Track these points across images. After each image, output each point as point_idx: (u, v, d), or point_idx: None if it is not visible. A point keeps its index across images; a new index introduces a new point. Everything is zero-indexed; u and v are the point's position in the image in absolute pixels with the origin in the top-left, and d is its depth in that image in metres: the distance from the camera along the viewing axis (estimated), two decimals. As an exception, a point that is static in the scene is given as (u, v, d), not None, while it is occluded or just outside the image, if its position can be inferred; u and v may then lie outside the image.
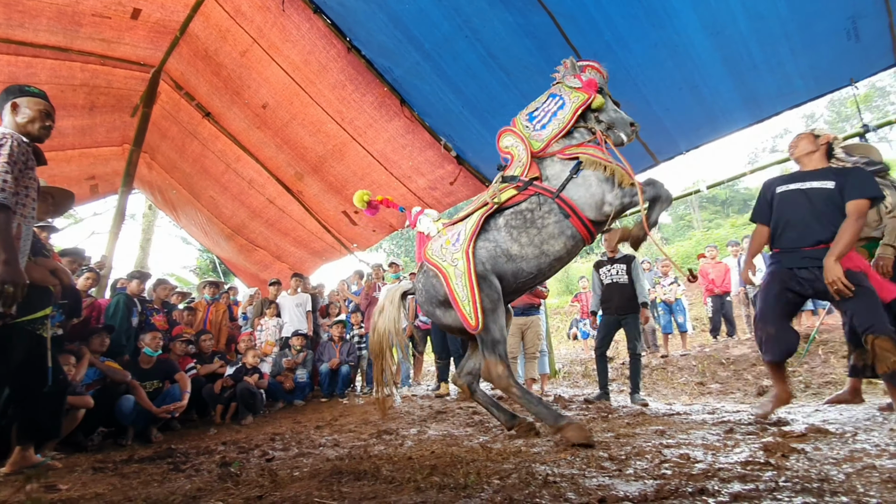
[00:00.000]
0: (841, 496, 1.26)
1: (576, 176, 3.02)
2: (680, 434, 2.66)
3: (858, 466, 1.62)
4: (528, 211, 3.01)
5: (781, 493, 1.32)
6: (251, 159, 6.99)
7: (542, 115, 3.32)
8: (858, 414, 3.12)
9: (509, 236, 2.99)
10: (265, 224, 8.09)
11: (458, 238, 3.06)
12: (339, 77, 5.46)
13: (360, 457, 2.37)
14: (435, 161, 6.12)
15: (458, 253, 2.98)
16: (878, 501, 1.21)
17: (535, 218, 2.99)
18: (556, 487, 1.50)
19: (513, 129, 3.35)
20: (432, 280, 3.10)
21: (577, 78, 3.42)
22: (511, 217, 3.03)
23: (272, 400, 5.72)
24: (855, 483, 1.38)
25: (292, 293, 6.77)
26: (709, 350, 6.49)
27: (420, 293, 3.25)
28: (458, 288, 2.88)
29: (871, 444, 2.03)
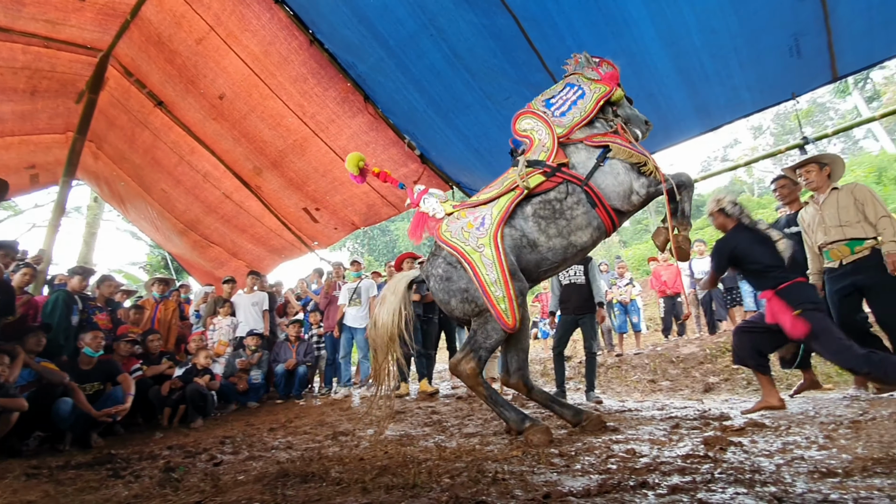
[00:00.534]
0: (770, 486, 1.33)
1: (603, 164, 2.99)
2: (629, 430, 2.74)
3: (788, 458, 1.71)
4: (556, 200, 2.91)
5: (716, 484, 1.37)
6: (207, 152, 6.71)
7: (560, 102, 3.27)
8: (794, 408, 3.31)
9: (537, 227, 2.87)
10: (221, 220, 7.80)
11: (483, 222, 2.82)
12: (300, 70, 5.33)
13: (310, 459, 2.31)
14: (399, 159, 6.07)
15: (484, 238, 2.74)
16: (802, 490, 1.28)
17: (563, 208, 2.90)
18: (505, 484, 1.51)
19: (533, 111, 3.25)
20: (452, 267, 2.82)
21: (596, 70, 3.44)
22: (539, 206, 2.90)
23: (224, 402, 5.51)
24: (783, 473, 1.45)
25: (248, 292, 6.55)
26: (660, 349, 6.73)
27: (436, 279, 2.90)
28: (489, 279, 2.64)
29: (802, 436, 2.15)
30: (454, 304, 2.84)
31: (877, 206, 3.32)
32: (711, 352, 6.06)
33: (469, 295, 2.75)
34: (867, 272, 3.26)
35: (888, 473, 1.34)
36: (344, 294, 6.47)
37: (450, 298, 2.85)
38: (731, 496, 1.27)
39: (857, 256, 3.32)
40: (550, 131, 3.09)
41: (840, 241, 3.38)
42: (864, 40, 4.00)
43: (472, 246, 2.76)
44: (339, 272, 7.18)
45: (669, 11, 4.02)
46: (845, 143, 28.12)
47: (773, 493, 1.26)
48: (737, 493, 1.29)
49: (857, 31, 3.93)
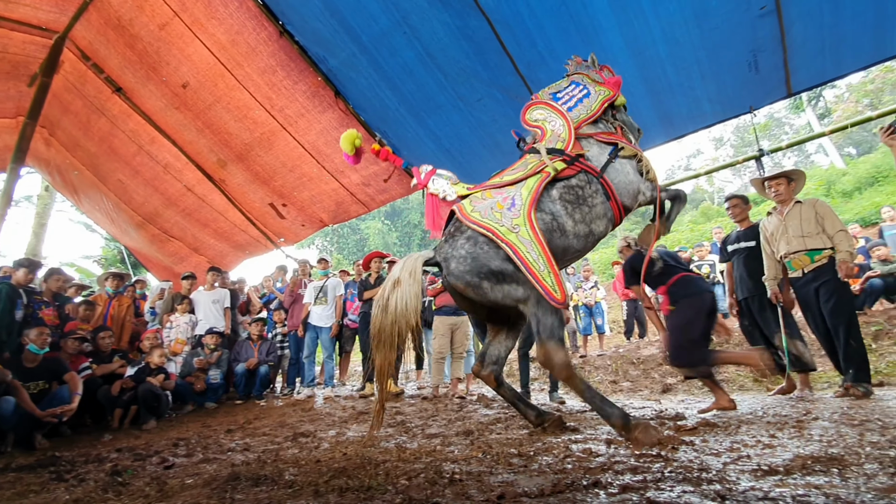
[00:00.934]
0: (715, 484, 1.37)
1: (614, 161, 3.03)
2: (589, 430, 2.80)
3: (735, 456, 1.77)
4: (578, 187, 2.88)
5: (665, 482, 1.41)
6: (168, 142, 6.45)
7: (566, 97, 3.28)
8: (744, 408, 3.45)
9: (564, 210, 2.81)
10: (182, 213, 7.50)
11: (514, 203, 2.70)
12: (269, 62, 5.19)
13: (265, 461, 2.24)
14: (369, 157, 5.98)
15: (518, 218, 2.62)
16: (745, 488, 1.33)
17: (585, 196, 2.87)
18: (461, 485, 1.50)
19: (545, 101, 3.24)
20: (483, 246, 2.62)
21: (599, 74, 3.48)
22: (564, 191, 2.85)
23: (180, 402, 5.31)
24: (729, 472, 1.50)
25: (209, 288, 6.34)
26: (622, 350, 6.91)
27: (460, 261, 2.64)
28: (531, 257, 2.50)
29: (749, 435, 2.24)
30: (487, 286, 2.60)
31: (835, 221, 3.65)
32: (670, 354, 6.25)
33: (507, 275, 2.56)
34: (823, 278, 3.58)
35: (826, 472, 1.40)
36: (310, 292, 6.35)
37: (480, 281, 2.60)
38: (679, 494, 1.30)
39: (817, 265, 3.61)
40: (566, 122, 3.09)
41: (801, 251, 3.67)
42: (817, 59, 4.23)
43: (507, 226, 2.61)
44: (305, 270, 7.04)
45: (636, 22, 4.13)
46: (798, 157, 29.69)
47: (717, 490, 1.30)
48: (684, 491, 1.32)
49: (810, 50, 4.14)
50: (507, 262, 2.55)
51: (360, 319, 5.84)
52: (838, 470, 1.41)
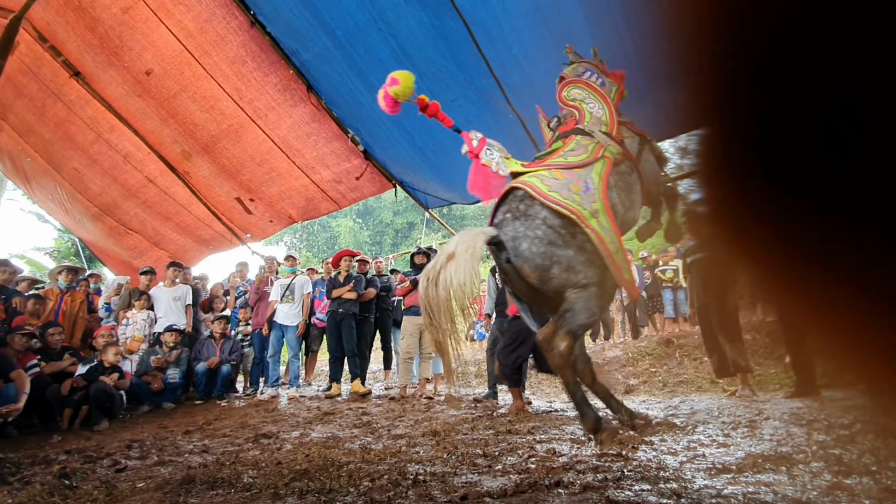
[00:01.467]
0: (672, 482, 1.41)
1: (643, 151, 3.00)
2: (553, 429, 2.83)
3: (691, 455, 1.83)
4: (626, 174, 2.77)
5: (625, 481, 1.44)
6: (129, 131, 6.18)
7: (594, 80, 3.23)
8: (701, 408, 3.58)
9: (618, 198, 2.66)
10: (142, 205, 7.20)
11: (588, 187, 2.51)
12: (239, 52, 5.04)
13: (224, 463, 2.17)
14: (341, 154, 5.92)
15: (596, 203, 2.45)
16: (700, 486, 1.37)
17: (631, 183, 2.77)
18: (425, 487, 1.49)
19: (584, 82, 3.18)
20: (557, 232, 2.43)
21: (604, 65, 3.46)
22: (617, 178, 2.71)
23: (135, 403, 5.08)
24: (685, 470, 1.55)
25: (169, 284, 6.10)
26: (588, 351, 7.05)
27: (534, 242, 2.43)
28: (613, 248, 2.38)
29: (705, 435, 2.32)
30: (555, 271, 2.41)
31: None
32: (633, 355, 6.43)
33: (578, 263, 2.41)
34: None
35: (775, 470, 1.47)
36: (276, 290, 6.20)
37: (551, 265, 2.42)
38: (637, 493, 1.33)
39: None
40: (607, 105, 3.02)
41: None
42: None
43: (589, 210, 2.43)
44: (271, 267, 6.87)
45: (610, 32, 4.23)
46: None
47: (673, 489, 1.34)
48: (642, 489, 1.35)
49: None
50: (582, 248, 2.41)
51: (328, 318, 5.74)
52: (787, 468, 1.48)
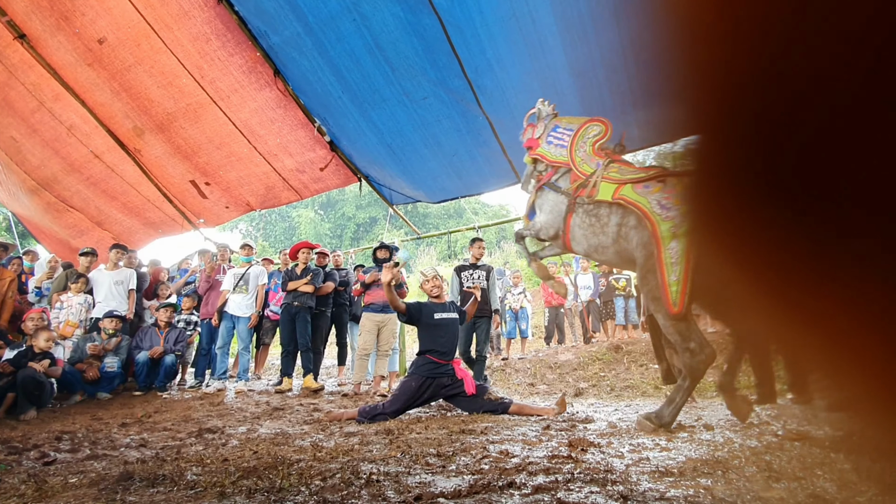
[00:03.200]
0: (619, 485, 1.46)
1: None
2: (505, 430, 2.88)
3: (636, 458, 1.91)
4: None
5: (575, 483, 1.48)
6: (75, 101, 5.76)
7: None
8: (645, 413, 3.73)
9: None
10: (85, 182, 6.73)
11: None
12: (203, 28, 4.81)
13: (164, 459, 2.06)
14: (306, 143, 5.77)
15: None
16: (645, 488, 1.43)
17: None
18: (378, 486, 1.48)
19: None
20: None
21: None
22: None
23: (67, 392, 4.75)
24: (631, 473, 1.62)
25: (111, 268, 5.74)
26: (542, 355, 7.21)
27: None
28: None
29: (649, 439, 2.43)
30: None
31: None
32: (584, 360, 6.64)
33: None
34: None
35: (712, 474, 1.55)
36: (229, 279, 5.96)
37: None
38: (586, 495, 1.37)
39: None
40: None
41: None
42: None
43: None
44: (224, 255, 6.60)
45: (580, 44, 4.34)
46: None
47: (620, 491, 1.39)
48: (591, 491, 1.40)
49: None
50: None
51: (283, 311, 5.58)
52: (723, 472, 1.57)
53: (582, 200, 3.19)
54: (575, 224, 3.23)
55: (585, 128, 3.44)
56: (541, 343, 8.82)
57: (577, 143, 3.40)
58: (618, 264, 3.46)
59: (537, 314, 10.70)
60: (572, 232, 3.26)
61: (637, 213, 2.83)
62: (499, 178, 6.04)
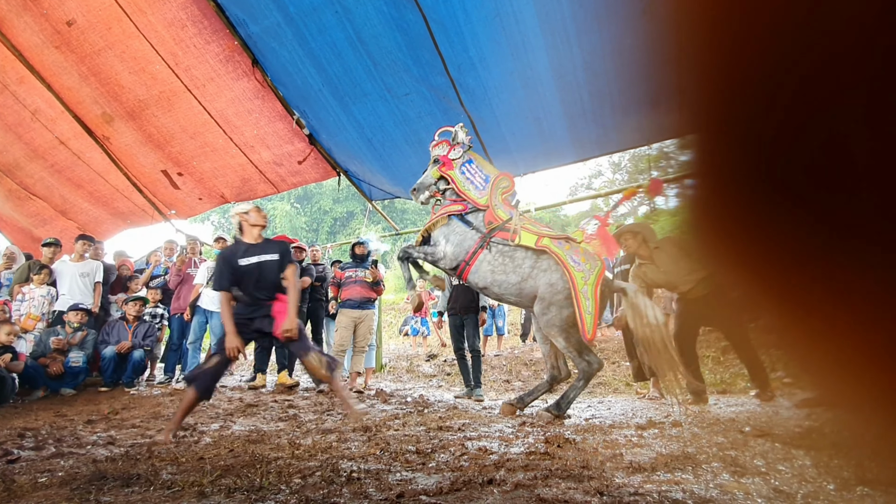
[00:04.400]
0: (595, 480, 1.51)
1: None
2: (483, 427, 2.92)
3: (610, 454, 1.97)
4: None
5: (553, 479, 1.52)
6: (41, 84, 5.49)
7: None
8: (617, 409, 3.84)
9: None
10: (49, 169, 6.44)
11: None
12: (178, 14, 4.66)
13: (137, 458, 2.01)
14: (284, 135, 5.67)
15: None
16: (619, 483, 1.48)
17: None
18: (359, 484, 1.48)
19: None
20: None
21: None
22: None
23: (29, 387, 4.56)
24: (605, 468, 1.67)
25: (77, 259, 5.52)
26: (517, 352, 7.32)
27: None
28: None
29: (621, 435, 2.50)
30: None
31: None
32: (559, 358, 6.76)
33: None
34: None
35: (682, 469, 1.62)
36: (202, 273, 5.82)
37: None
38: (564, 490, 1.41)
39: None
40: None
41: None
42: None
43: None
44: (194, 248, 6.43)
45: (562, 46, 4.39)
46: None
47: (596, 486, 1.44)
48: (568, 487, 1.44)
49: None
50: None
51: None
52: (692, 468, 1.64)
53: (499, 241, 3.65)
54: (484, 260, 3.66)
55: (500, 179, 3.94)
56: (516, 340, 8.93)
57: (494, 191, 3.86)
58: (505, 298, 3.84)
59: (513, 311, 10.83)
60: (477, 266, 3.67)
61: (555, 260, 3.52)
62: (479, 177, 6.06)
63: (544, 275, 3.54)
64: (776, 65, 0.32)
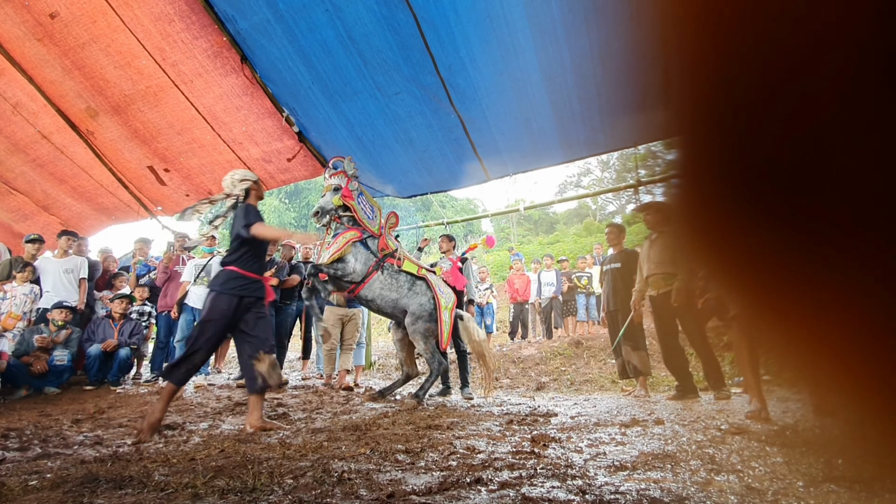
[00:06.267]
0: (577, 479, 1.56)
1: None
2: (470, 426, 2.97)
3: (594, 453, 2.03)
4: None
5: (538, 478, 1.57)
6: (22, 77, 5.37)
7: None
8: (602, 407, 3.93)
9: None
10: (31, 163, 6.31)
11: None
12: (165, 9, 4.60)
13: (127, 459, 2.02)
14: (273, 132, 5.64)
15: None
16: (601, 483, 1.54)
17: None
18: (350, 484, 1.52)
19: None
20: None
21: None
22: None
23: (11, 386, 4.50)
24: (589, 468, 1.73)
25: (60, 255, 5.45)
26: (506, 349, 7.39)
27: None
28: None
29: (605, 433, 2.57)
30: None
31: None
32: (546, 355, 6.85)
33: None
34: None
35: (662, 468, 1.68)
36: (190, 270, 5.78)
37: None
38: (548, 490, 1.46)
39: (669, 287, 4.21)
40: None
41: (658, 274, 4.26)
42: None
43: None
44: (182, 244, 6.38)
45: (552, 49, 4.43)
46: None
47: (579, 486, 1.49)
48: (553, 486, 1.49)
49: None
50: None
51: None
52: (671, 466, 1.70)
53: (390, 265, 4.53)
54: (377, 279, 4.43)
55: (389, 217, 4.96)
56: (505, 338, 9.02)
57: (385, 224, 4.80)
58: (382, 310, 4.55)
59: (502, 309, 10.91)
60: (371, 282, 4.41)
61: (427, 285, 4.58)
62: (469, 176, 6.11)
63: (416, 296, 4.48)
64: (759, 66, 0.32)
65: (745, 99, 0.34)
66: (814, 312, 0.34)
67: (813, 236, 0.32)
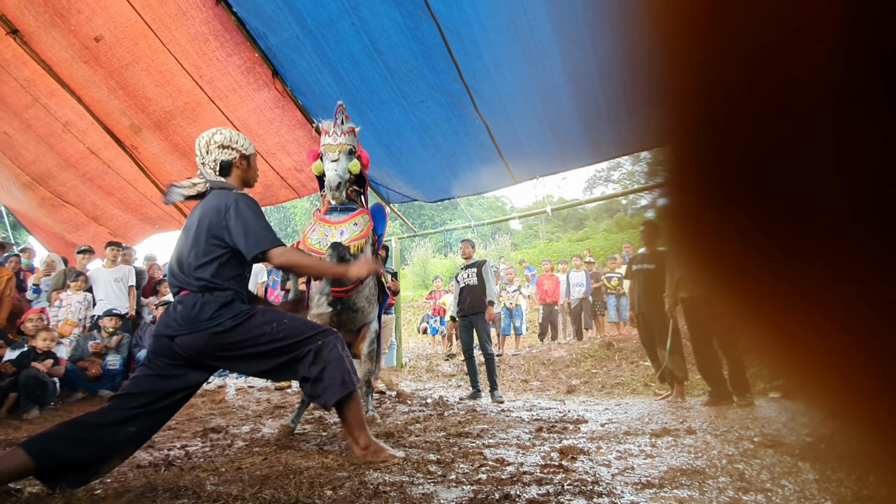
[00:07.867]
0: (605, 497, 1.60)
1: None
2: (500, 433, 3.02)
3: (622, 467, 2.06)
4: None
5: (565, 495, 1.62)
6: (71, 98, 5.74)
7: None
8: (634, 413, 3.91)
9: None
10: (81, 178, 6.73)
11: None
12: (201, 29, 4.82)
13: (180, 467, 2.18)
14: (304, 142, 5.82)
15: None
16: (628, 501, 1.57)
17: None
18: (385, 497, 1.60)
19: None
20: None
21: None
22: None
23: (69, 389, 4.84)
24: (616, 484, 1.76)
25: (110, 265, 5.79)
26: (535, 351, 7.40)
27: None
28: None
29: (635, 444, 2.58)
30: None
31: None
32: (577, 356, 6.82)
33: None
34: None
35: (689, 485, 1.70)
36: (228, 277, 6.03)
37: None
38: (576, 507, 1.51)
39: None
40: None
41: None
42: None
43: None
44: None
45: (577, 52, 4.41)
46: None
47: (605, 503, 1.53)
48: (580, 504, 1.54)
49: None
50: None
51: (282, 309, 5.68)
52: (699, 483, 1.72)
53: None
54: (368, 283, 3.72)
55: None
56: (535, 339, 9.00)
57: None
58: (355, 325, 4.22)
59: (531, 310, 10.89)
60: (363, 287, 3.75)
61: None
62: (494, 180, 6.14)
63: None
64: (749, 68, 0.32)
65: (736, 101, 0.33)
66: (804, 314, 0.33)
67: (798, 239, 0.32)
